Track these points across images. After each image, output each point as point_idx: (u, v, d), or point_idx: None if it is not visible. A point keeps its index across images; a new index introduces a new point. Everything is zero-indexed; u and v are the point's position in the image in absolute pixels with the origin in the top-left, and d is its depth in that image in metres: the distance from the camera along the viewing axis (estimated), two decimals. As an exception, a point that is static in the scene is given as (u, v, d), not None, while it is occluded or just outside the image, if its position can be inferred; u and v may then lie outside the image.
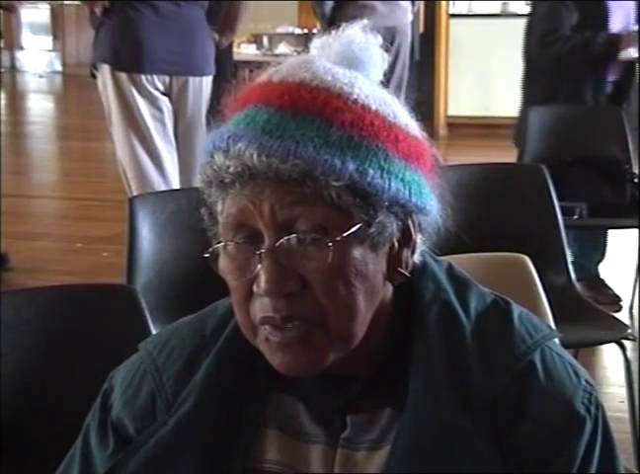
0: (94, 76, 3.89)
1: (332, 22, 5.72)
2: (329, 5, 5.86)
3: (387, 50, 1.09)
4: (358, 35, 1.07)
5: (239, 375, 1.11)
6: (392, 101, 1.06)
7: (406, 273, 1.08)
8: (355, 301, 1.02)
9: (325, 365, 1.03)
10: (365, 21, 1.08)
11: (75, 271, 4.67)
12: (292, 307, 1.00)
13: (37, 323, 1.66)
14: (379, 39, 1.08)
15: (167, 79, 3.82)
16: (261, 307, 1.02)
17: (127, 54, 3.75)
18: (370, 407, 1.09)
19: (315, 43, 1.09)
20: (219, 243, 1.05)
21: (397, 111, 1.06)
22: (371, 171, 0.99)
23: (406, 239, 1.06)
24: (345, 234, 0.99)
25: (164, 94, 3.83)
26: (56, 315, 1.68)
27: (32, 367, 1.64)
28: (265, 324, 1.02)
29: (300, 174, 0.97)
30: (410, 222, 1.05)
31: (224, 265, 1.04)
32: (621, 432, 2.81)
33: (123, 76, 3.76)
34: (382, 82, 1.10)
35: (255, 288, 1.01)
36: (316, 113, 1.00)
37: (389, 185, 1.01)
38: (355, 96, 1.02)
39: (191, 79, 3.86)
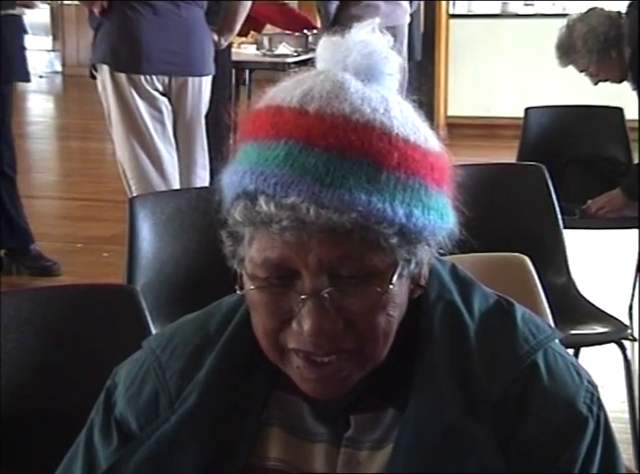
0: (93, 77, 3.89)
1: (336, 21, 5.75)
2: (334, 5, 5.86)
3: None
4: (378, 43, 1.03)
5: (242, 373, 1.11)
6: (416, 117, 1.04)
7: (425, 285, 1.08)
8: (391, 329, 1.03)
9: (351, 387, 1.05)
10: (377, 20, 1.05)
11: (75, 271, 4.67)
12: (333, 343, 1.00)
13: (37, 323, 1.66)
14: (391, 41, 1.05)
15: (166, 79, 3.82)
16: (298, 340, 1.01)
17: (126, 55, 3.74)
18: (374, 407, 1.09)
19: (324, 45, 1.05)
20: (243, 261, 1.03)
21: (424, 130, 1.04)
22: (416, 211, 0.99)
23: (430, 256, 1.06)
24: (392, 283, 1.00)
25: (163, 94, 3.83)
26: (56, 315, 1.68)
27: (32, 367, 1.64)
28: (299, 353, 1.02)
29: (353, 224, 0.96)
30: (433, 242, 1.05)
31: (255, 297, 1.03)
32: (621, 432, 2.81)
33: (123, 77, 3.76)
34: None
35: (294, 325, 1.01)
36: (364, 155, 0.97)
37: (429, 220, 1.01)
38: (395, 130, 0.99)
39: (190, 79, 3.85)
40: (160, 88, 3.81)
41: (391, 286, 1.00)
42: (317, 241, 0.97)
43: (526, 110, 4.19)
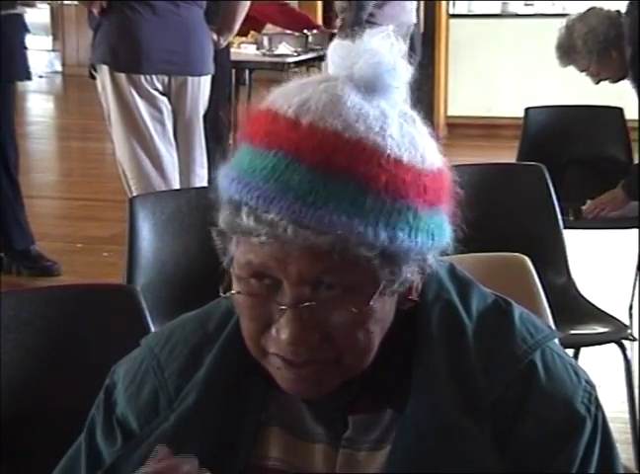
0: (93, 77, 3.89)
1: (370, 21, 5.87)
2: (371, 4, 5.95)
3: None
4: (386, 53, 1.01)
5: (241, 373, 1.11)
6: (417, 133, 1.02)
7: (416, 299, 1.07)
8: (371, 343, 1.03)
9: (333, 388, 1.05)
10: (391, 27, 1.06)
11: (75, 271, 4.67)
12: (311, 352, 1.01)
13: (37, 323, 1.66)
14: (403, 47, 1.03)
15: (166, 79, 3.82)
16: (277, 347, 1.01)
17: (126, 55, 3.74)
18: (372, 407, 1.09)
19: (335, 48, 1.03)
20: (232, 260, 1.03)
21: (424, 148, 1.01)
22: (400, 234, 0.97)
23: (421, 273, 1.05)
24: (371, 302, 0.99)
25: (163, 94, 3.83)
26: (56, 315, 1.68)
27: (32, 367, 1.64)
28: (278, 358, 1.02)
29: (332, 245, 0.95)
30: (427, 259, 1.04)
31: (239, 300, 1.04)
32: (621, 432, 2.81)
33: (122, 77, 3.76)
34: None
35: (274, 332, 1.01)
36: (350, 176, 0.95)
37: (416, 242, 0.99)
38: (387, 150, 0.97)
39: (189, 79, 3.86)
40: (160, 87, 3.82)
41: (371, 304, 0.99)
42: (297, 256, 0.97)
43: (526, 110, 4.19)
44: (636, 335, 2.95)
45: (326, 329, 1.00)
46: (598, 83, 3.84)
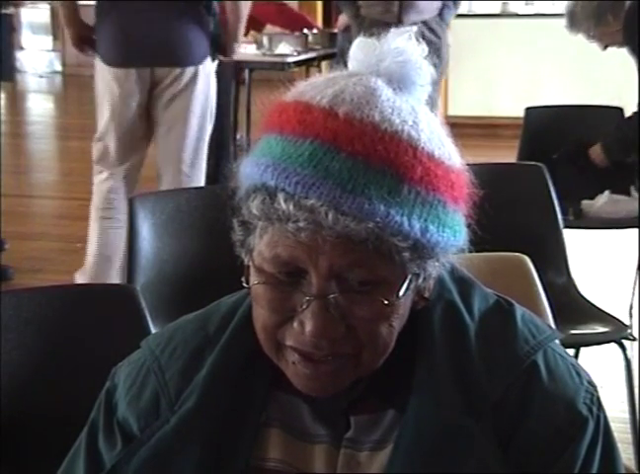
0: None
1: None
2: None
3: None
4: (412, 52, 1.03)
5: (242, 374, 1.11)
6: (442, 132, 1.04)
7: (429, 297, 1.08)
8: (391, 339, 1.04)
9: (344, 387, 1.05)
10: (415, 28, 1.07)
11: (75, 271, 4.66)
12: (333, 346, 1.01)
13: (37, 323, 1.66)
14: (425, 50, 1.05)
15: (155, 70, 3.84)
16: (297, 340, 1.01)
17: (112, 49, 3.83)
18: (374, 408, 1.09)
19: (359, 45, 1.05)
20: (251, 252, 1.03)
21: (449, 145, 1.04)
22: (431, 227, 0.99)
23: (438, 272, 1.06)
24: (400, 292, 1.00)
25: (152, 85, 3.86)
26: (56, 315, 1.68)
27: (32, 367, 1.64)
28: (296, 351, 1.02)
29: (369, 234, 0.96)
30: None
31: (260, 291, 1.03)
32: (621, 432, 2.81)
33: (109, 69, 3.83)
34: None
35: (295, 325, 1.01)
36: (388, 166, 0.97)
37: (443, 237, 1.01)
38: (421, 144, 0.99)
39: (177, 70, 3.85)
40: (147, 79, 3.85)
41: (400, 295, 1.00)
42: (330, 245, 0.96)
43: (527, 109, 4.19)
44: (636, 335, 2.95)
45: (351, 322, 1.00)
46: (605, 49, 3.88)
